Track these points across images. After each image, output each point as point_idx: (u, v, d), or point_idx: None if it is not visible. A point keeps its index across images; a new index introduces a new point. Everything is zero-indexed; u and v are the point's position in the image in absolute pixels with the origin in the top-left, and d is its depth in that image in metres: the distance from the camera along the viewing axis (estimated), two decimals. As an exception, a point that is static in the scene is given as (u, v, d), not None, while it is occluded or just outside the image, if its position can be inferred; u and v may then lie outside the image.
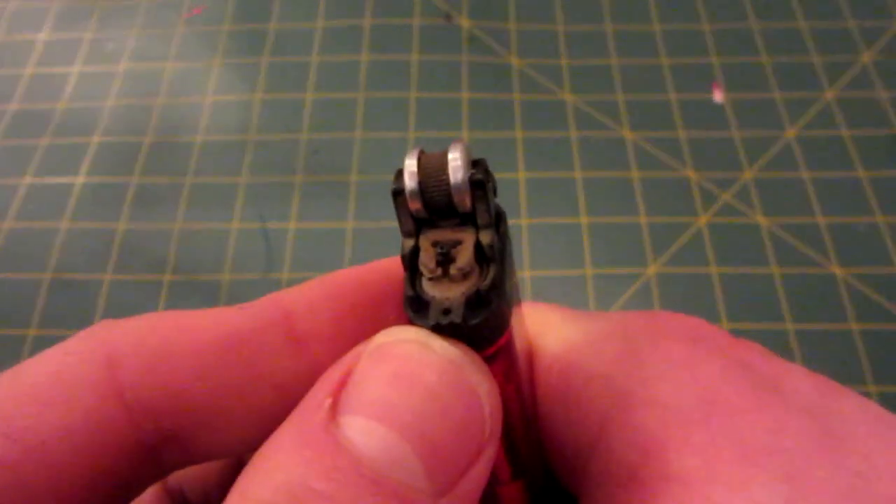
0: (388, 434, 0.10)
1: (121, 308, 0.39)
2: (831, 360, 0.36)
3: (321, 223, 0.41)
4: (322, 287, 0.14)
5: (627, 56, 0.47)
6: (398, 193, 0.12)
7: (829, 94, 0.44)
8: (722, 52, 0.46)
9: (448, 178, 0.11)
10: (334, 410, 0.11)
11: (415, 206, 0.12)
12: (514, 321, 0.12)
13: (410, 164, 0.12)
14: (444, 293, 0.11)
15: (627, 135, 0.43)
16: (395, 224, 0.12)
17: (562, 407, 0.14)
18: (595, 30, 0.48)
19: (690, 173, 0.42)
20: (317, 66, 0.47)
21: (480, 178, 0.11)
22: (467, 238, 0.12)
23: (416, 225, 0.12)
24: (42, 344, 0.38)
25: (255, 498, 0.10)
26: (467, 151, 0.12)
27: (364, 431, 0.10)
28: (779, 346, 0.36)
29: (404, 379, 0.11)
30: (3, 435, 0.12)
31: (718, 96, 0.45)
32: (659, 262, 0.39)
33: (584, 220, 0.40)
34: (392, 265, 0.14)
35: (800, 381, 0.12)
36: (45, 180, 0.43)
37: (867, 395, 0.35)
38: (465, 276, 0.11)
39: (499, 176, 0.12)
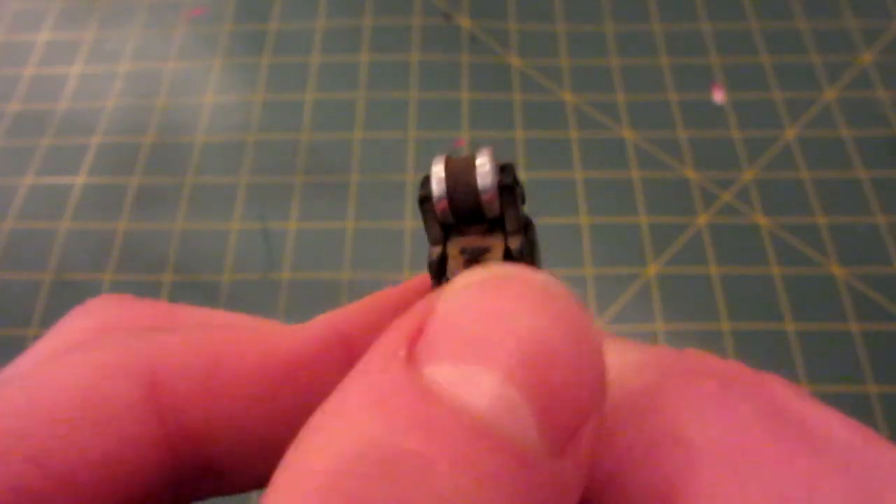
0: (493, 378, 0.08)
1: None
2: (831, 360, 0.36)
3: (321, 223, 0.41)
4: (377, 306, 0.13)
5: (627, 56, 0.47)
6: (425, 200, 0.11)
7: (829, 94, 0.44)
8: (722, 52, 0.46)
9: (476, 183, 0.11)
10: (412, 361, 0.08)
11: (442, 212, 0.11)
12: None
13: (437, 170, 0.11)
14: None
15: (627, 135, 0.43)
16: (395, 224, 0.12)
17: None
18: (595, 30, 0.48)
19: (690, 173, 0.42)
20: (317, 67, 0.47)
21: (509, 183, 0.11)
22: (495, 245, 0.11)
23: (443, 232, 0.12)
24: (42, 344, 0.38)
25: (322, 469, 0.07)
26: (495, 156, 0.11)
27: (461, 378, 0.08)
28: (779, 346, 0.36)
29: (505, 314, 0.08)
30: (28, 460, 0.10)
31: (718, 96, 0.45)
32: (659, 262, 0.39)
33: (583, 220, 0.40)
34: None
35: (834, 428, 0.11)
36: (46, 180, 0.43)
37: (867, 395, 0.35)
38: None
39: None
